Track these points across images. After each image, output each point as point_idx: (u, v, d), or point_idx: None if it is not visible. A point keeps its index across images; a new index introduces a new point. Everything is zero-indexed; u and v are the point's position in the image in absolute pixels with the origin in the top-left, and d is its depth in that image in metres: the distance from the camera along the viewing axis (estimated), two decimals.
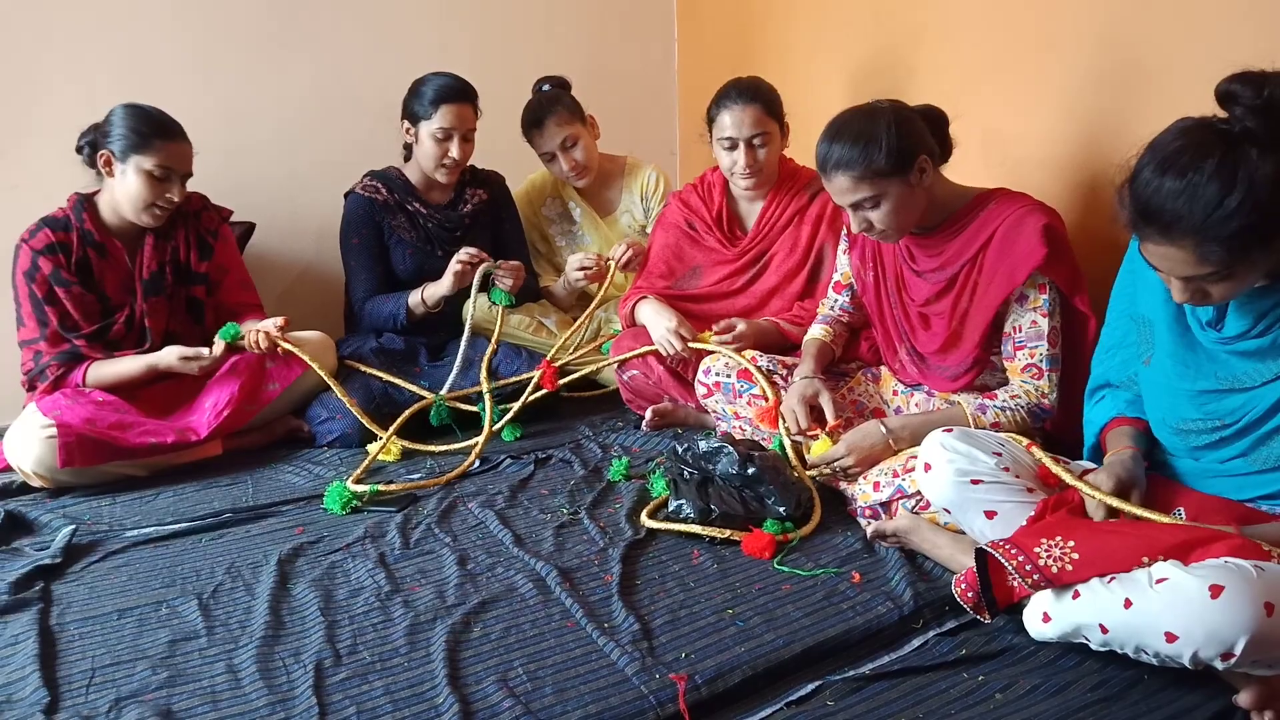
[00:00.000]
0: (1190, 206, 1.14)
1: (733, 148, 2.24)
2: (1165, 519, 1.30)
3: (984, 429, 1.70)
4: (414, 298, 2.53)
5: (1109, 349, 1.56)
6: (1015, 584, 1.30)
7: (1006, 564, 1.28)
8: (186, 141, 2.20)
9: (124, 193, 2.15)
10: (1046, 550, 1.25)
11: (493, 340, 2.43)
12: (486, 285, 2.46)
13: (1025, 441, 1.58)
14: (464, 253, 2.42)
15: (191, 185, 2.35)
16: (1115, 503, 1.34)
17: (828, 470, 1.86)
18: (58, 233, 2.15)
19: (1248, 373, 1.30)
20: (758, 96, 2.21)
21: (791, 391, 1.98)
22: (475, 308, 2.43)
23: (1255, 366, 1.30)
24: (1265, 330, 1.28)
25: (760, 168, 2.25)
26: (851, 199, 1.73)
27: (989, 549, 1.32)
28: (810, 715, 1.28)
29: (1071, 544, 1.25)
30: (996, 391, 1.78)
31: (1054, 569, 1.25)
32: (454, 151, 2.48)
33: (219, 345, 2.20)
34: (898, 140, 1.67)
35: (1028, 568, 1.27)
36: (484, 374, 2.38)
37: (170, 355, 2.18)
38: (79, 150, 2.19)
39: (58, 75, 2.55)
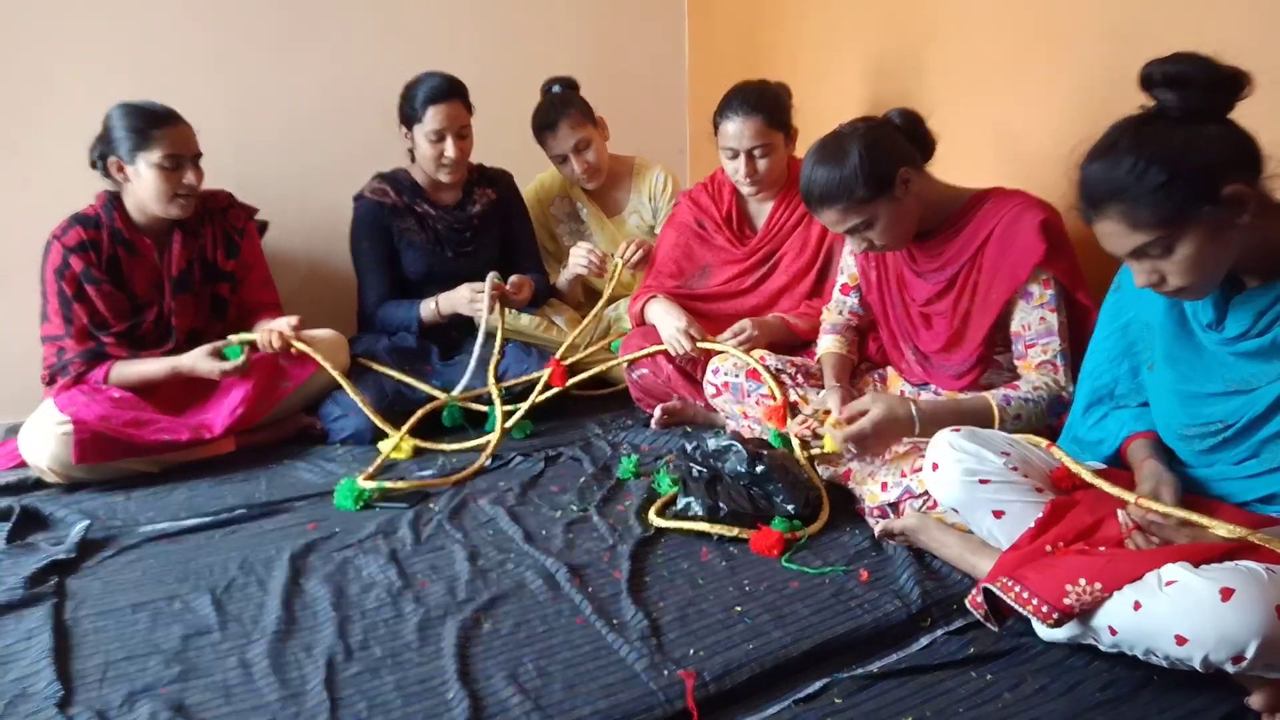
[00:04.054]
0: (1110, 176, 1.23)
1: (734, 157, 2.24)
2: (1212, 523, 1.27)
3: (1009, 419, 1.70)
4: (426, 309, 2.54)
5: (1111, 360, 1.55)
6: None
7: (1039, 621, 1.26)
8: (185, 124, 2.19)
9: (144, 191, 2.16)
10: (1077, 598, 1.24)
11: (496, 348, 2.42)
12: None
13: (1044, 443, 1.57)
14: (476, 298, 2.42)
15: (203, 182, 2.37)
16: (1169, 510, 1.31)
17: (840, 442, 1.75)
18: (89, 230, 2.17)
19: (1254, 374, 1.30)
20: (759, 107, 2.19)
21: (813, 402, 1.99)
22: (489, 314, 2.42)
23: (1261, 368, 1.30)
24: (1264, 330, 1.28)
25: (761, 177, 2.25)
26: (843, 228, 1.76)
27: (1016, 606, 1.28)
28: (818, 713, 1.28)
29: (1098, 585, 1.23)
30: (1018, 383, 1.78)
31: (1084, 610, 1.25)
32: (450, 151, 2.48)
33: (243, 357, 2.20)
34: (872, 165, 1.68)
35: (1062, 618, 1.26)
36: (491, 378, 2.38)
37: (195, 356, 2.19)
38: (93, 165, 2.20)
39: (69, 70, 2.56)
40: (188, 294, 2.29)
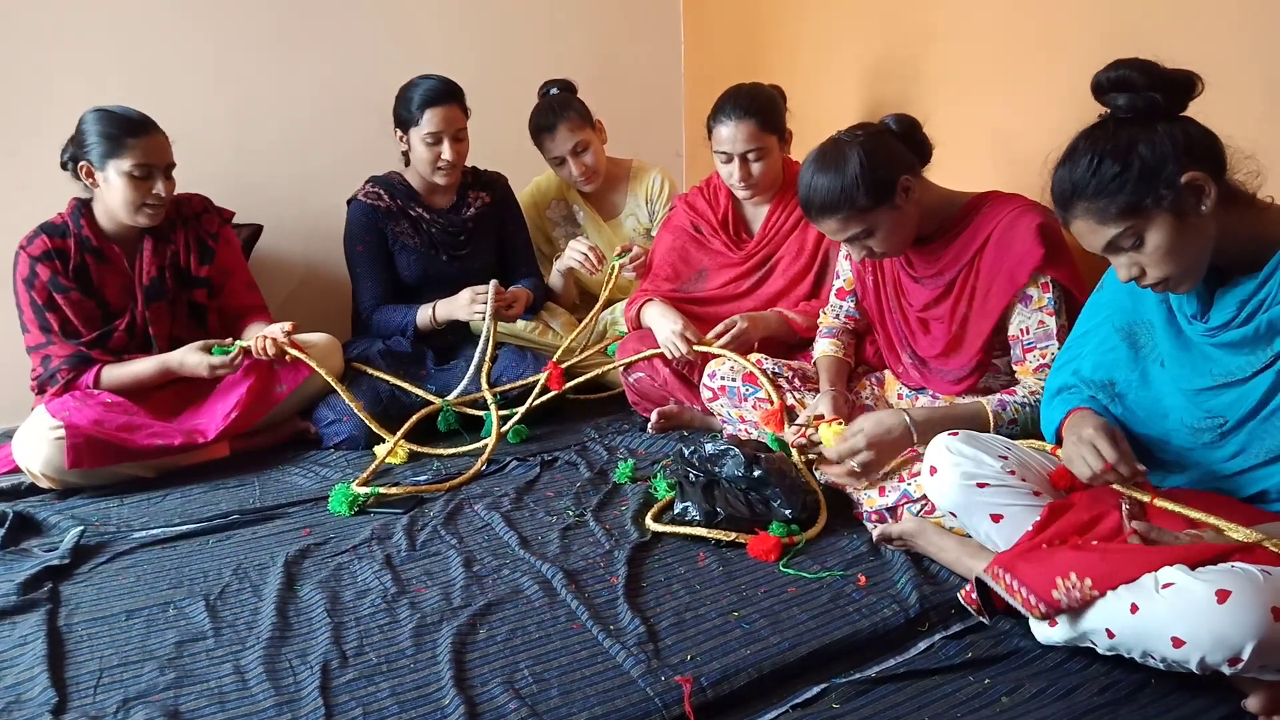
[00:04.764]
0: (1071, 177, 1.31)
1: (728, 161, 2.24)
2: (1228, 525, 1.27)
3: (1004, 424, 1.70)
4: (423, 316, 2.53)
5: (1085, 355, 1.56)
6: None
7: (1027, 613, 1.28)
8: (159, 133, 2.17)
9: (113, 198, 2.14)
10: (1066, 593, 1.24)
11: (489, 353, 2.42)
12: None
13: (1049, 447, 1.56)
14: (476, 300, 2.43)
15: (200, 186, 2.36)
16: (1182, 510, 1.32)
17: (847, 463, 1.75)
18: (54, 239, 2.15)
19: (1240, 366, 1.32)
20: (753, 111, 2.19)
21: (808, 409, 1.98)
22: (487, 320, 2.42)
23: (1247, 359, 1.32)
24: (1247, 319, 1.30)
25: (756, 181, 2.25)
26: (843, 236, 1.76)
27: (1006, 596, 1.30)
28: (816, 718, 1.28)
29: (1089, 581, 1.24)
30: (1015, 389, 1.78)
31: (1074, 607, 1.25)
32: (446, 154, 2.47)
33: (236, 353, 2.20)
34: (872, 173, 1.68)
35: (1049, 611, 1.27)
36: (484, 382, 2.38)
37: (184, 351, 2.18)
38: (64, 167, 2.17)
39: (68, 75, 2.56)
40: (161, 302, 2.27)
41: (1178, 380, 1.41)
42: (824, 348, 2.11)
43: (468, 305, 2.45)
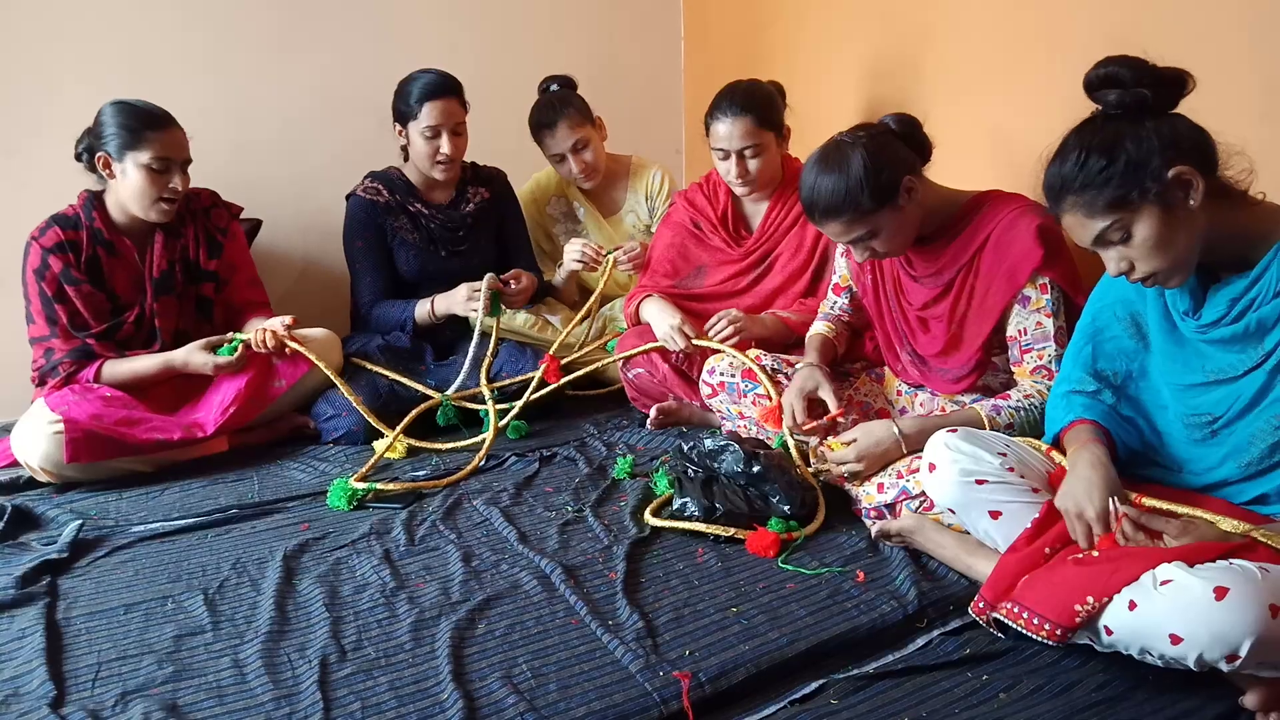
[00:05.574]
0: (1061, 173, 1.33)
1: (726, 158, 2.24)
2: (1216, 518, 1.28)
3: (999, 429, 1.70)
4: (421, 310, 2.53)
5: (1075, 356, 1.56)
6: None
7: (1046, 641, 1.27)
8: (179, 128, 2.18)
9: (128, 191, 2.14)
10: (1083, 616, 1.24)
11: (491, 346, 2.42)
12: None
13: (1044, 447, 1.56)
14: (473, 297, 2.42)
15: (199, 183, 2.36)
16: (1170, 507, 1.33)
17: (839, 470, 1.84)
18: (67, 231, 2.16)
19: (1232, 363, 1.33)
20: (749, 108, 2.18)
21: (792, 385, 1.97)
22: (484, 315, 2.42)
23: (1238, 356, 1.32)
24: (1238, 316, 1.31)
25: (753, 177, 2.25)
26: (847, 239, 1.76)
27: (1028, 633, 1.30)
28: (814, 714, 1.28)
29: (1105, 600, 1.23)
30: (1010, 393, 1.78)
31: (1087, 622, 1.26)
32: (445, 147, 2.47)
33: (240, 351, 2.20)
34: (876, 175, 1.68)
35: (1069, 636, 1.26)
36: (483, 378, 2.38)
37: (188, 350, 2.18)
38: (78, 157, 2.18)
39: (67, 74, 2.56)
40: (170, 295, 2.27)
41: (1169, 375, 1.42)
42: (816, 327, 2.12)
43: (464, 301, 2.45)
